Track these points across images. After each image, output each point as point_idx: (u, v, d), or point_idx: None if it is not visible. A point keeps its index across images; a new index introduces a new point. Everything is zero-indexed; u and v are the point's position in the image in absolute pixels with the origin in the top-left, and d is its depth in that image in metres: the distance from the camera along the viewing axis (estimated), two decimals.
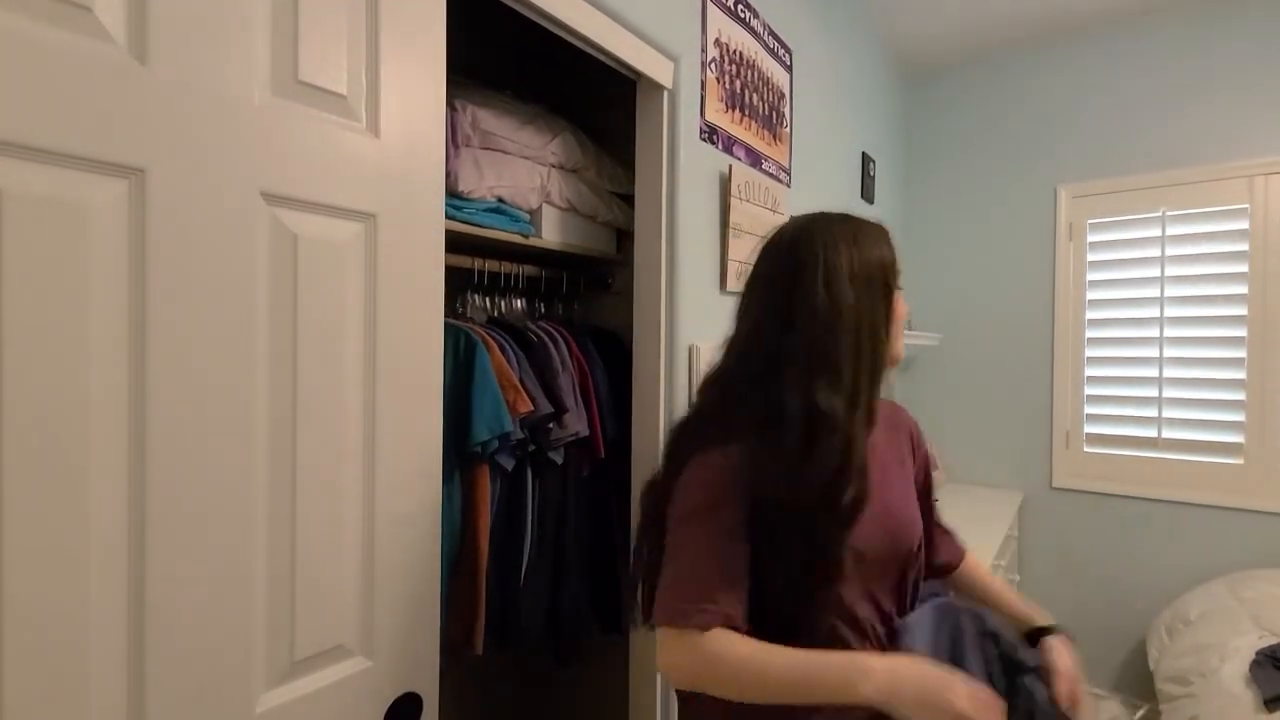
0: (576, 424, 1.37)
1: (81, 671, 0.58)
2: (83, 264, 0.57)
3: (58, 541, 0.56)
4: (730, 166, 1.56)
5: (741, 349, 0.87)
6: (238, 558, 0.68)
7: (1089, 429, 2.55)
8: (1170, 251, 2.38)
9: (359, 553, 0.80)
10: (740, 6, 1.62)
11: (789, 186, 1.87)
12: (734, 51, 1.60)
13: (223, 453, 0.66)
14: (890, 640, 0.83)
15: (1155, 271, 2.40)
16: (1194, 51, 2.36)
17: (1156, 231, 2.41)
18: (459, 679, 1.62)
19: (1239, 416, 2.28)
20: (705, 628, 0.72)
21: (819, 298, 0.80)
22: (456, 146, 1.22)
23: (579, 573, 1.45)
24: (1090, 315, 2.54)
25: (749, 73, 1.66)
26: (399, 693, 0.83)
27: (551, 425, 1.33)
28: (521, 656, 1.80)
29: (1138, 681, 2.38)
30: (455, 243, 1.21)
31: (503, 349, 1.27)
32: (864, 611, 0.81)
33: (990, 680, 0.79)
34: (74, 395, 0.57)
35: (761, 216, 1.66)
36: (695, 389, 1.11)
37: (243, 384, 0.68)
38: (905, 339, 2.38)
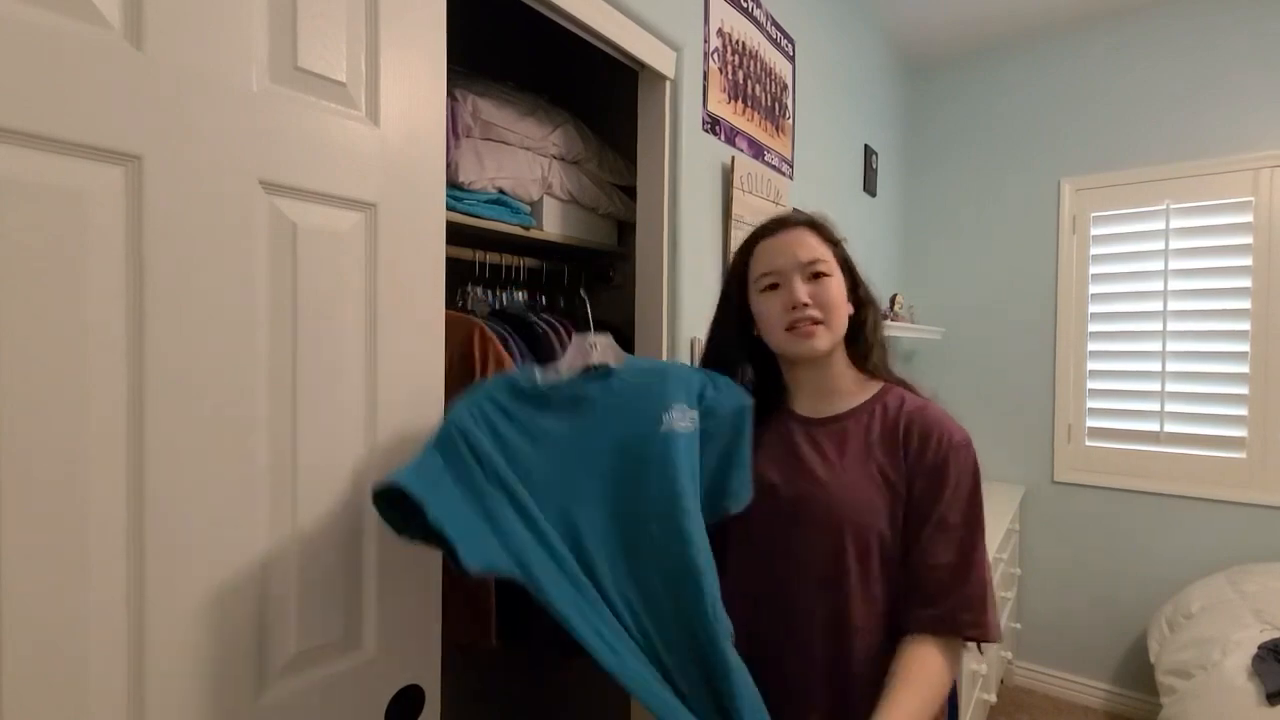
0: None
1: (82, 664, 0.58)
2: (80, 252, 0.56)
3: (57, 531, 0.56)
4: (733, 158, 1.55)
5: None
6: (239, 549, 0.67)
7: (1091, 423, 2.55)
8: (1174, 245, 2.37)
9: (360, 545, 0.79)
10: None
11: (791, 179, 1.86)
12: (736, 42, 1.59)
13: (222, 443, 0.65)
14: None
15: (1159, 265, 2.39)
16: (1200, 44, 2.34)
17: (1160, 225, 2.40)
18: (460, 671, 1.62)
19: (1241, 410, 2.27)
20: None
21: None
22: (457, 137, 1.21)
23: None
24: (1093, 309, 2.54)
25: (751, 63, 1.65)
26: (401, 685, 0.83)
27: None
28: (523, 648, 1.80)
29: (1138, 674, 2.38)
30: (456, 234, 1.20)
31: (505, 343, 1.27)
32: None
33: None
34: (72, 384, 0.56)
35: (764, 209, 1.65)
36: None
37: (242, 374, 0.67)
38: (907, 332, 2.38)
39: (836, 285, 0.91)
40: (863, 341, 0.95)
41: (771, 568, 0.91)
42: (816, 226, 0.95)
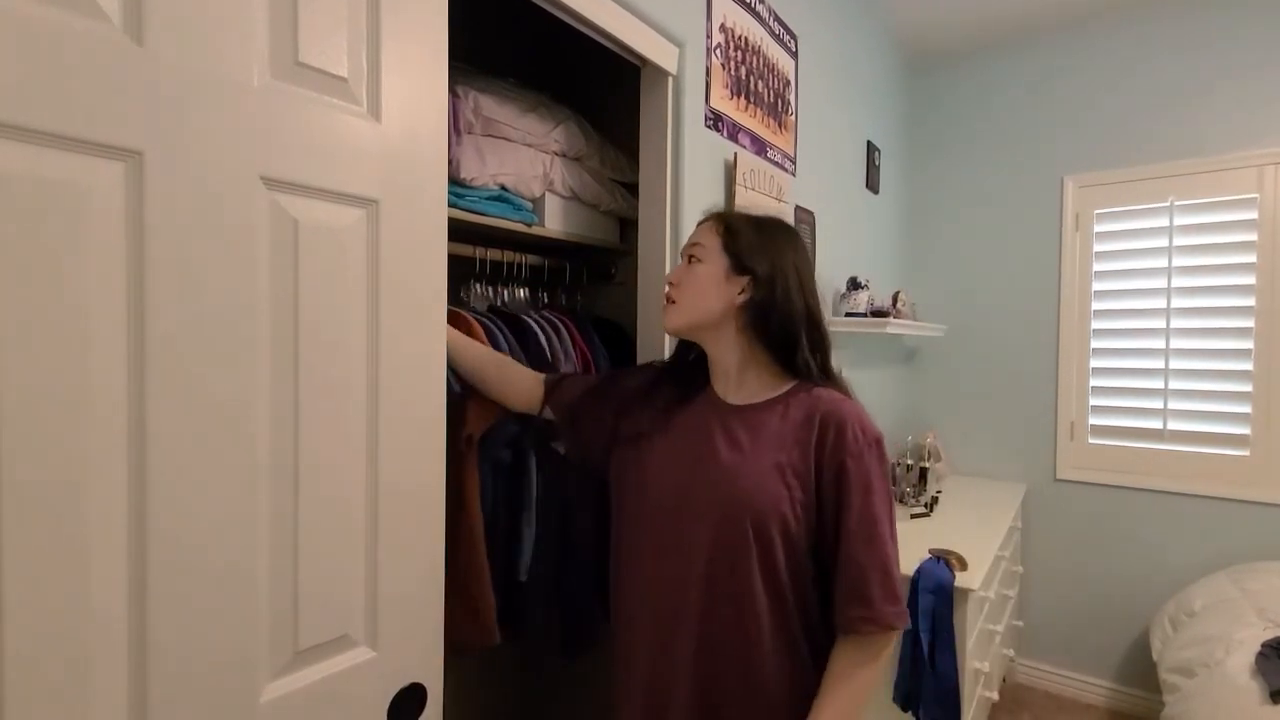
0: None
1: (83, 663, 0.57)
2: (80, 248, 0.56)
3: (57, 531, 0.55)
4: (735, 154, 1.54)
5: None
6: (240, 547, 0.67)
7: (1094, 420, 2.54)
8: (1178, 242, 2.37)
9: (363, 542, 0.79)
10: None
11: (794, 175, 1.85)
12: (739, 37, 1.58)
13: (223, 440, 0.65)
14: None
15: (1162, 262, 2.39)
16: (1203, 40, 2.33)
17: (1164, 222, 2.39)
18: (462, 670, 1.62)
19: (1245, 408, 2.27)
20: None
21: None
22: (459, 133, 1.21)
23: (583, 564, 1.45)
24: (1096, 306, 2.53)
25: (754, 59, 1.64)
26: (403, 683, 0.83)
27: None
28: (524, 647, 1.80)
29: (1140, 672, 2.38)
30: (457, 231, 1.19)
31: (492, 334, 1.25)
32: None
33: None
34: (72, 381, 0.56)
35: (766, 205, 1.64)
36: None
37: (244, 369, 0.67)
38: (909, 329, 2.38)
39: (699, 270, 0.95)
40: (760, 335, 0.93)
41: (661, 552, 0.94)
42: (722, 215, 1.01)
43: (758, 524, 0.86)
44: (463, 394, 1.15)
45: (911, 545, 1.76)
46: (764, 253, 0.94)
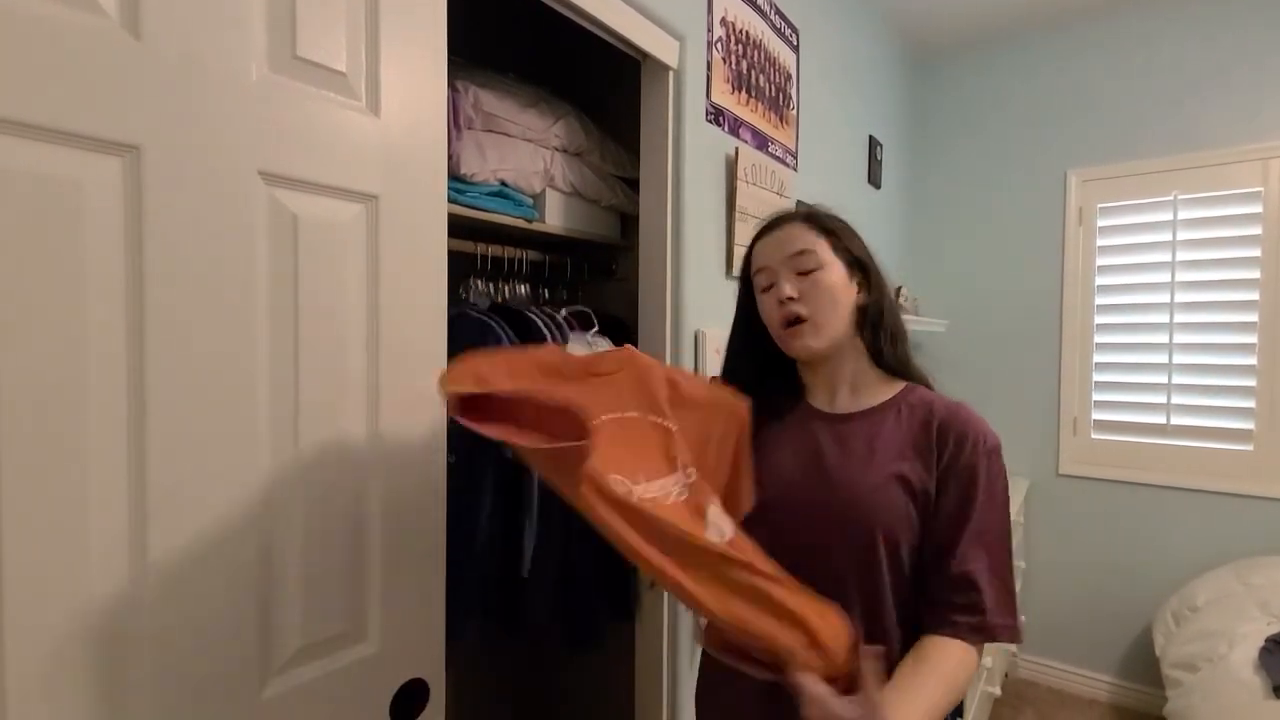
0: None
1: (84, 662, 0.57)
2: (78, 243, 0.56)
3: (57, 531, 0.55)
4: (736, 149, 1.53)
5: None
6: (241, 543, 0.67)
7: (1097, 415, 2.53)
8: (1181, 236, 2.35)
9: (363, 537, 0.79)
10: None
11: (795, 170, 1.85)
12: (740, 31, 1.57)
13: (224, 436, 0.65)
14: None
15: (1166, 256, 2.37)
16: (1208, 33, 2.32)
17: (1168, 215, 2.37)
18: (465, 665, 1.63)
19: (1249, 403, 2.26)
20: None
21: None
22: (458, 128, 1.20)
23: (585, 560, 1.45)
24: (1099, 300, 2.52)
25: (755, 53, 1.64)
26: (405, 679, 0.83)
27: None
28: (527, 642, 1.81)
29: (1144, 668, 2.38)
30: (458, 227, 1.19)
31: (493, 334, 1.25)
32: None
33: None
34: (71, 377, 0.56)
35: (768, 200, 1.64)
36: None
37: (244, 367, 0.66)
38: (911, 325, 2.36)
39: (828, 279, 0.86)
40: (876, 334, 0.91)
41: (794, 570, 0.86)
42: (811, 218, 0.91)
43: (888, 536, 0.81)
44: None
45: None
46: (861, 246, 0.92)
